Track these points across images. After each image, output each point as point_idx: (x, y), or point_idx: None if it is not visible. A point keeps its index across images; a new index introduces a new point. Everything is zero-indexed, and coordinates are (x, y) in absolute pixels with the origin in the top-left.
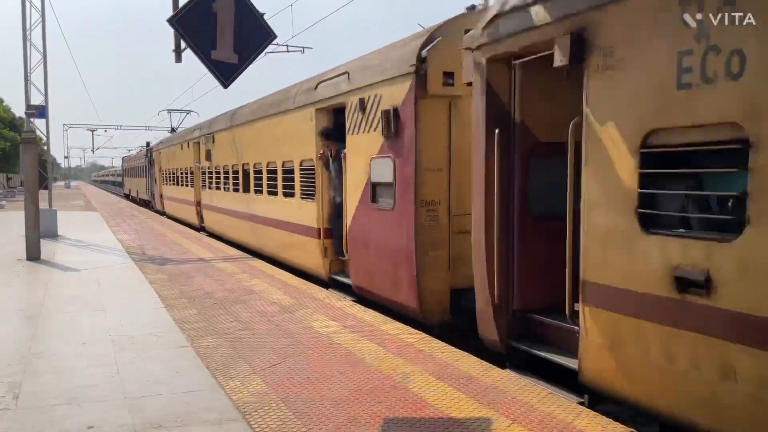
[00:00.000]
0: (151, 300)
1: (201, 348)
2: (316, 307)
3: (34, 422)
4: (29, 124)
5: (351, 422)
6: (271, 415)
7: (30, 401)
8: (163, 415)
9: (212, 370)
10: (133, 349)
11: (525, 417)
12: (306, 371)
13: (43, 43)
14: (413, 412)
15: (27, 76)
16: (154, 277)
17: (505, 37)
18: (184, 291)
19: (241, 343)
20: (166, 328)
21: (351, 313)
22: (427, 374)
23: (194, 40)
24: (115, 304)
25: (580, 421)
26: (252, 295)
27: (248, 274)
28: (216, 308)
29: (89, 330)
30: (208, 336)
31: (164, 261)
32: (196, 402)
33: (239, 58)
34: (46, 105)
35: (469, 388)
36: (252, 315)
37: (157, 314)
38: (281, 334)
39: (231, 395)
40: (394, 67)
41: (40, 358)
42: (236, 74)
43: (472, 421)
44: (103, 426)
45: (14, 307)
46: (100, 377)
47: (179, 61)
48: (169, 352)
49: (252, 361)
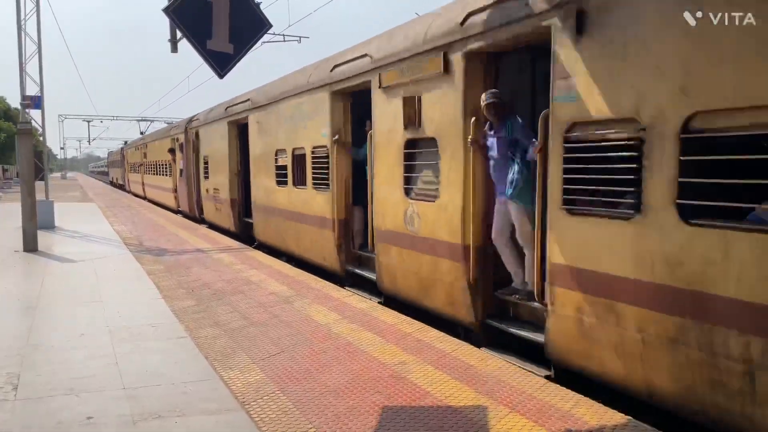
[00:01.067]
0: (149, 291)
1: (200, 338)
2: (314, 297)
3: (32, 413)
4: (25, 115)
5: (350, 411)
6: (270, 405)
7: (28, 392)
8: (162, 406)
9: (211, 360)
10: (131, 339)
11: (523, 405)
12: (305, 361)
13: (38, 34)
14: (412, 401)
15: (22, 66)
16: (151, 268)
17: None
18: (182, 282)
19: (239, 334)
20: (165, 318)
21: (349, 303)
22: (426, 363)
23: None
24: (113, 295)
25: (578, 409)
26: (250, 286)
27: (246, 264)
28: (214, 299)
29: (87, 321)
30: (207, 326)
31: (162, 252)
32: (195, 392)
33: (234, 48)
34: (42, 96)
35: (467, 376)
36: (250, 305)
37: (155, 305)
38: (280, 325)
39: (230, 385)
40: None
41: (38, 350)
42: (232, 64)
43: (471, 410)
44: (102, 416)
45: (11, 299)
46: (99, 368)
47: (175, 51)
48: (168, 343)
49: (251, 352)
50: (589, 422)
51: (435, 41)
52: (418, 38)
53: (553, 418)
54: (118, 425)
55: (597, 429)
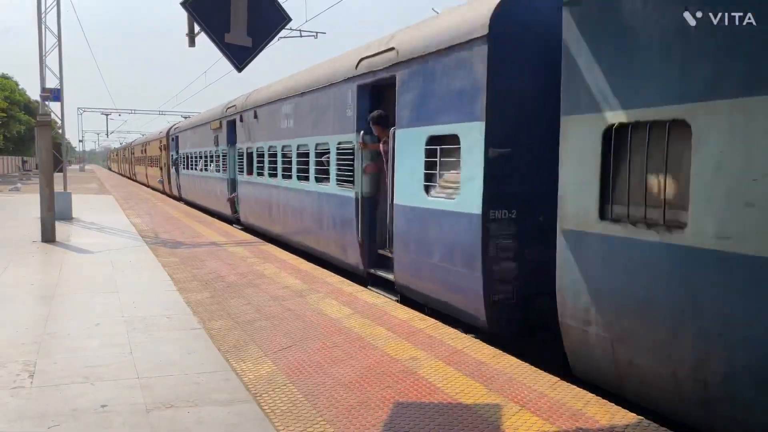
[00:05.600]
0: (164, 282)
1: (213, 330)
2: (327, 291)
3: (48, 400)
4: (44, 108)
5: (361, 405)
6: (281, 397)
7: (44, 380)
8: (175, 395)
9: (224, 352)
10: (145, 330)
11: (534, 403)
12: (316, 355)
13: (58, 27)
14: (423, 397)
15: (42, 59)
16: (166, 260)
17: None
18: (197, 274)
19: (252, 326)
20: (179, 310)
21: (362, 298)
22: (437, 360)
23: (208, 24)
24: (129, 286)
25: (590, 408)
26: (263, 279)
27: (260, 258)
28: (228, 291)
29: (102, 311)
30: (220, 318)
31: (177, 244)
32: (207, 383)
33: (253, 42)
34: (61, 88)
35: (478, 373)
36: (263, 299)
37: (169, 296)
38: (292, 318)
39: (242, 377)
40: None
41: (54, 338)
42: (250, 58)
43: (481, 406)
44: (116, 404)
45: (29, 288)
46: (113, 357)
47: (192, 45)
48: (181, 334)
49: (263, 344)
50: (600, 421)
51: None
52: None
53: (564, 416)
54: (131, 413)
55: (608, 428)
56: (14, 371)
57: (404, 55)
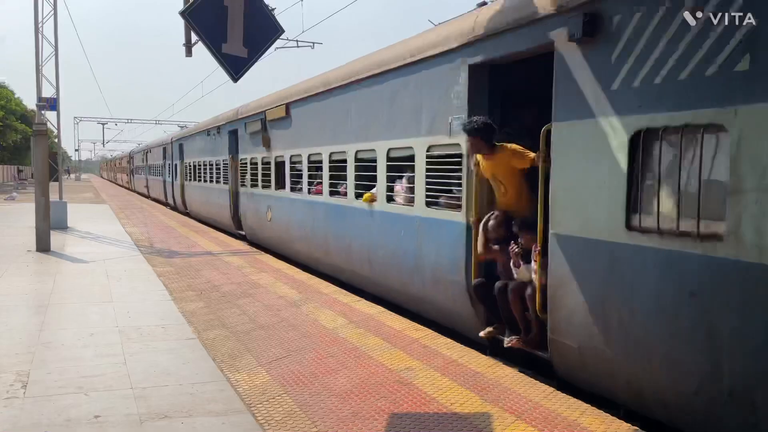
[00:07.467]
0: (159, 292)
1: (208, 340)
2: (322, 301)
3: (41, 411)
4: (40, 117)
5: (355, 416)
6: (276, 408)
7: (38, 390)
8: (169, 406)
9: (218, 362)
10: (140, 340)
11: (530, 414)
12: (311, 365)
13: (55, 36)
14: (418, 408)
15: (38, 68)
16: (162, 269)
17: None
18: (192, 284)
19: (247, 336)
20: (174, 319)
21: (357, 308)
22: (432, 370)
23: (205, 34)
24: (123, 296)
25: (585, 419)
26: (259, 289)
27: (255, 267)
28: (223, 301)
29: (97, 320)
30: (215, 328)
31: (172, 254)
32: (201, 393)
33: (249, 52)
34: (57, 98)
35: (474, 384)
36: (259, 308)
37: (164, 306)
38: (287, 328)
39: (237, 387)
40: None
41: (48, 348)
42: (246, 68)
43: (476, 417)
44: (110, 415)
45: (23, 297)
46: (107, 367)
47: (189, 55)
48: (176, 344)
49: (258, 354)
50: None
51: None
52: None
53: (559, 427)
54: (125, 424)
55: None
56: (8, 381)
57: None
